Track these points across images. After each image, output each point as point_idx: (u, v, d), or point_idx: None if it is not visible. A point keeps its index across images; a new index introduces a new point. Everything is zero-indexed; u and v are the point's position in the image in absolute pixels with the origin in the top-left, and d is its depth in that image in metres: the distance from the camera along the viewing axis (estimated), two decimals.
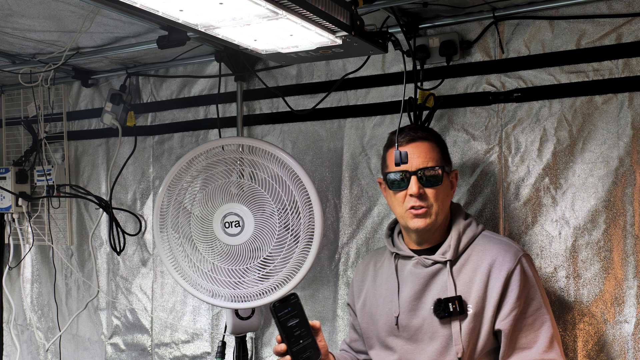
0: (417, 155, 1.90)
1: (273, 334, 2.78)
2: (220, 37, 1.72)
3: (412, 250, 1.98)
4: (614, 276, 2.11)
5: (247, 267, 2.35)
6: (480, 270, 1.86)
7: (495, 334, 1.85)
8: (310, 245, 2.29)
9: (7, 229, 3.39)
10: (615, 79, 2.12)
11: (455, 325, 1.84)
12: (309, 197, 2.28)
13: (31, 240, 3.33)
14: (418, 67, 2.35)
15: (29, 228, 3.30)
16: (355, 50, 1.90)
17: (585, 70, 2.17)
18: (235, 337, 2.66)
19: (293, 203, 2.30)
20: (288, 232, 2.32)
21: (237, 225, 2.34)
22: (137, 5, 1.47)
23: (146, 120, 3.08)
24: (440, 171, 1.90)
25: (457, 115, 2.37)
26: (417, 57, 2.35)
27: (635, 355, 2.08)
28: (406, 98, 2.29)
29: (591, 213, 2.15)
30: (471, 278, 1.86)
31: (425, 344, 1.90)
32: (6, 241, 3.41)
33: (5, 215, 3.35)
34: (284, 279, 2.33)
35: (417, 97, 2.32)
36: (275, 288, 2.35)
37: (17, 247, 3.40)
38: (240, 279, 2.36)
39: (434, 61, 2.37)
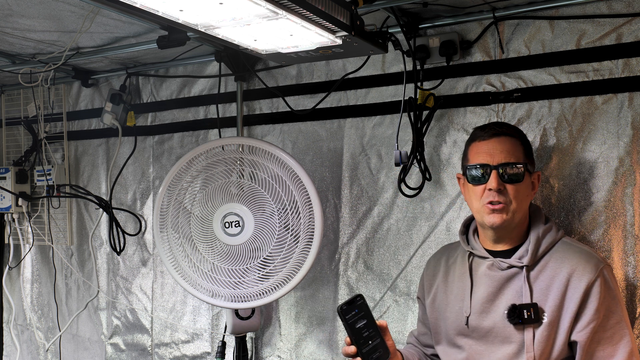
0: (500, 150, 1.85)
1: (272, 333, 2.78)
2: (220, 37, 1.72)
3: (488, 251, 1.92)
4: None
5: (247, 267, 2.35)
6: (558, 278, 1.80)
7: (570, 345, 1.80)
8: (310, 245, 2.29)
9: (7, 229, 3.39)
10: (615, 79, 2.12)
11: (528, 332, 1.79)
12: (309, 197, 2.28)
13: (31, 240, 3.33)
14: (418, 67, 2.35)
15: (29, 228, 3.30)
16: (355, 50, 1.90)
17: (585, 70, 2.17)
18: (235, 337, 2.66)
19: (293, 203, 2.30)
20: (288, 232, 2.32)
21: (237, 225, 2.34)
22: (137, 5, 1.47)
23: (146, 120, 3.08)
24: (522, 168, 1.85)
25: (457, 115, 2.37)
26: (417, 57, 2.34)
27: None
28: (406, 98, 2.29)
29: (591, 213, 2.15)
30: (548, 286, 1.81)
31: (496, 347, 1.85)
32: (6, 241, 3.41)
33: (5, 215, 3.35)
34: (284, 279, 2.33)
35: (417, 97, 2.32)
36: (275, 288, 2.35)
37: (17, 247, 3.40)
38: (240, 279, 2.37)
39: (434, 61, 2.37)
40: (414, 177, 2.42)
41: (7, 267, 3.42)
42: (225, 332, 2.73)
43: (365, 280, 2.56)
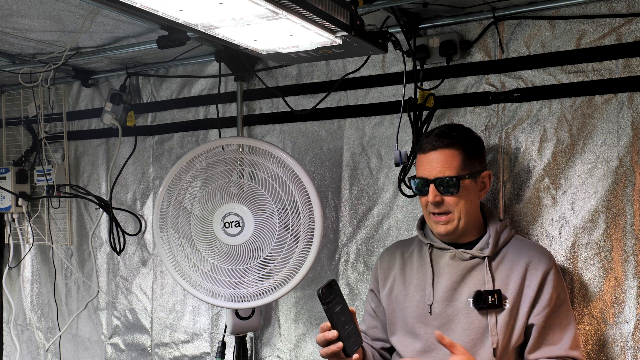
0: (435, 165, 1.95)
1: (272, 333, 2.78)
2: (220, 37, 1.72)
3: (447, 243, 2.02)
4: (614, 276, 2.11)
5: (247, 267, 2.35)
6: (517, 268, 1.94)
7: (526, 330, 1.92)
8: (310, 245, 2.29)
9: (7, 229, 3.39)
10: (615, 79, 2.12)
11: (492, 317, 1.90)
12: (309, 197, 2.28)
13: (31, 240, 3.33)
14: (418, 67, 2.35)
15: (29, 228, 3.30)
16: (355, 50, 1.90)
17: (585, 70, 2.17)
18: (235, 337, 2.66)
19: (293, 203, 2.30)
20: (288, 232, 2.32)
21: (237, 225, 2.34)
22: (137, 5, 1.47)
23: (146, 120, 3.08)
24: (456, 180, 1.93)
25: (457, 115, 2.37)
26: (417, 57, 2.34)
27: (635, 355, 2.08)
28: (406, 98, 2.30)
29: (591, 213, 2.15)
30: (508, 275, 1.94)
31: (457, 334, 1.92)
32: (6, 241, 3.41)
33: (5, 215, 3.35)
34: (284, 279, 2.33)
35: (417, 97, 2.32)
36: (275, 288, 2.35)
37: (17, 247, 3.40)
38: (240, 279, 2.37)
39: (434, 61, 2.37)
40: None
41: (7, 267, 3.42)
42: (225, 332, 2.73)
43: (365, 281, 2.56)
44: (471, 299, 1.92)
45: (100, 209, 3.03)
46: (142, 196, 3.09)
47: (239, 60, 2.69)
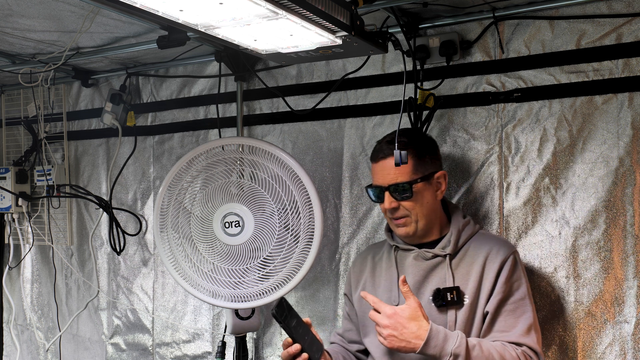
0: (388, 172, 1.99)
1: (273, 333, 2.78)
2: (220, 37, 1.72)
3: (411, 244, 2.08)
4: (614, 276, 2.11)
5: (247, 267, 2.35)
6: (476, 262, 1.97)
7: (484, 317, 1.95)
8: (310, 245, 2.29)
9: (7, 229, 3.39)
10: (615, 79, 2.12)
11: (451, 314, 1.94)
12: (309, 197, 2.28)
13: (31, 240, 3.33)
14: (418, 67, 2.35)
15: (29, 228, 3.30)
16: (355, 50, 1.90)
17: (585, 70, 2.17)
18: (236, 337, 2.66)
19: (293, 203, 2.30)
20: (288, 232, 2.32)
21: (237, 225, 2.34)
22: (137, 5, 1.47)
23: (146, 120, 3.08)
24: (408, 185, 1.98)
25: (457, 115, 2.37)
26: (417, 57, 2.35)
27: (635, 355, 2.08)
28: (406, 98, 2.29)
29: (591, 213, 2.15)
30: (468, 271, 1.97)
31: None
32: (6, 241, 3.41)
33: (5, 215, 3.35)
34: (284, 279, 2.33)
35: (417, 97, 2.32)
36: (275, 288, 2.35)
37: (17, 247, 3.40)
38: (240, 279, 2.37)
39: (434, 61, 2.37)
40: None
41: (7, 267, 3.42)
42: (225, 332, 2.73)
43: None
44: (431, 298, 1.97)
45: (101, 209, 3.03)
46: (143, 196, 3.09)
47: (239, 60, 2.69)
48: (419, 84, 2.33)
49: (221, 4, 1.48)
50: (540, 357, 1.92)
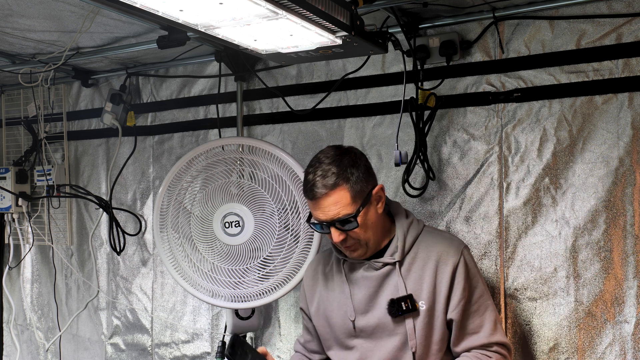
0: (328, 209, 1.89)
1: (273, 334, 2.78)
2: (220, 37, 1.72)
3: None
4: (614, 276, 2.11)
5: (247, 267, 2.36)
6: (428, 267, 1.95)
7: (448, 324, 1.95)
8: (310, 245, 2.29)
9: (7, 229, 3.39)
10: (615, 79, 2.12)
11: (409, 322, 1.93)
12: None
13: (31, 240, 3.33)
14: (418, 67, 2.35)
15: (29, 228, 3.30)
16: (355, 50, 1.90)
17: (585, 70, 2.17)
18: None
19: (293, 203, 2.30)
20: (288, 232, 2.32)
21: (237, 225, 2.34)
22: (137, 5, 1.47)
23: (146, 120, 3.08)
24: (352, 218, 1.89)
25: (457, 115, 2.37)
26: (417, 57, 2.34)
27: (635, 355, 2.08)
28: (407, 98, 2.29)
29: (591, 213, 2.15)
30: (420, 276, 1.95)
31: (384, 340, 1.97)
32: (6, 241, 3.40)
33: (5, 215, 3.35)
34: (284, 279, 2.33)
35: (418, 97, 2.31)
36: (275, 288, 2.35)
37: (17, 247, 3.40)
38: (240, 279, 2.37)
39: (434, 61, 2.37)
40: (413, 176, 2.41)
41: (7, 267, 3.42)
42: (225, 332, 2.73)
43: None
44: (386, 308, 1.94)
45: (100, 209, 3.03)
46: (142, 196, 3.09)
47: (239, 60, 2.69)
48: (419, 84, 2.33)
49: (221, 4, 1.48)
50: (510, 348, 1.98)
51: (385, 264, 1.97)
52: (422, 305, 1.93)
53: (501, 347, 1.95)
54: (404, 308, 1.91)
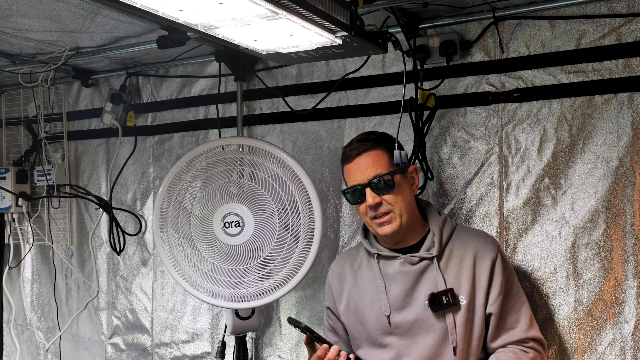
0: (365, 167, 1.96)
1: (274, 333, 2.78)
2: (220, 37, 1.72)
3: (392, 250, 2.03)
4: (614, 276, 2.11)
5: (247, 267, 2.36)
6: (465, 262, 1.96)
7: (486, 319, 1.95)
8: (311, 245, 2.29)
9: (7, 229, 3.39)
10: (615, 79, 2.12)
11: (449, 316, 1.92)
12: (309, 197, 2.28)
13: (31, 240, 3.33)
14: (418, 67, 2.35)
15: (29, 228, 3.30)
16: (355, 50, 1.90)
17: (585, 70, 2.17)
18: (235, 337, 2.66)
19: (293, 203, 2.30)
20: (288, 232, 2.32)
21: (237, 225, 2.34)
22: (137, 5, 1.47)
23: (146, 120, 3.08)
24: (390, 177, 1.94)
25: (457, 115, 2.37)
26: (417, 57, 2.34)
27: (635, 355, 2.08)
28: (406, 98, 2.29)
29: (591, 213, 2.15)
30: (459, 271, 1.96)
31: (421, 337, 1.94)
32: (6, 241, 3.40)
33: (5, 215, 3.35)
34: (284, 279, 2.33)
35: (418, 97, 2.32)
36: (275, 288, 2.35)
37: (17, 247, 3.40)
38: (240, 279, 2.37)
39: (434, 61, 2.37)
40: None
41: (7, 267, 3.42)
42: (225, 332, 2.73)
43: None
44: (427, 302, 1.93)
45: (100, 209, 3.03)
46: (142, 196, 3.09)
47: (239, 60, 2.69)
48: (419, 84, 2.33)
49: (221, 4, 1.48)
50: (545, 344, 1.98)
51: (422, 259, 1.97)
52: (462, 300, 1.92)
53: (537, 343, 1.95)
54: (445, 302, 1.90)
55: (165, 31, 2.07)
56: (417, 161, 2.32)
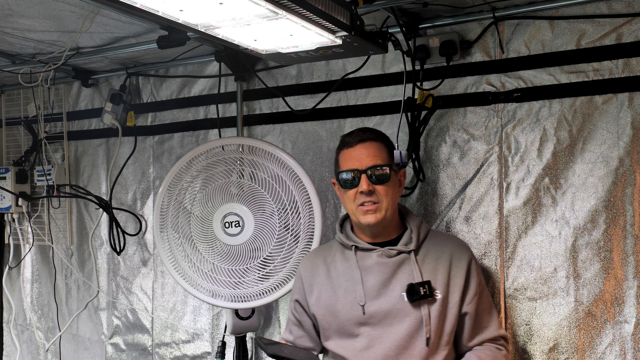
0: (366, 155, 2.02)
1: (273, 334, 2.78)
2: (220, 37, 1.72)
3: (370, 244, 2.08)
4: (614, 276, 2.11)
5: (247, 267, 2.36)
6: (442, 259, 2.03)
7: (459, 318, 2.01)
8: (311, 245, 2.30)
9: (7, 229, 3.39)
10: (615, 79, 2.12)
11: (424, 308, 1.97)
12: (309, 197, 2.29)
13: (31, 240, 3.33)
14: (418, 67, 2.35)
15: (29, 228, 3.30)
16: (355, 50, 1.90)
17: (585, 70, 2.17)
18: (235, 337, 2.66)
19: (293, 203, 2.30)
20: (288, 232, 2.32)
21: (237, 225, 2.35)
22: (137, 5, 1.47)
23: (146, 120, 3.08)
24: (388, 170, 2.02)
25: (457, 116, 2.37)
26: (417, 57, 2.34)
27: (635, 355, 2.08)
28: (405, 98, 2.30)
29: (591, 213, 2.15)
30: (435, 267, 2.02)
31: (394, 327, 1.98)
32: (6, 241, 3.41)
33: (5, 215, 3.35)
34: (284, 279, 2.34)
35: (417, 97, 2.31)
36: (275, 288, 2.35)
37: (17, 247, 3.40)
38: (240, 279, 2.37)
39: (434, 61, 2.37)
40: (411, 176, 2.42)
41: (7, 267, 3.42)
42: (225, 332, 2.73)
43: None
44: (404, 293, 1.97)
45: (100, 209, 3.03)
46: (142, 196, 3.09)
47: (239, 60, 2.69)
48: (418, 84, 2.33)
49: (221, 4, 1.48)
50: (509, 340, 2.15)
51: (400, 252, 2.03)
52: (438, 295, 1.98)
53: (505, 341, 2.08)
54: (422, 293, 1.95)
55: (165, 31, 2.07)
56: (410, 161, 2.32)
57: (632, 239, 2.09)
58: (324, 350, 2.14)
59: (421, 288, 1.96)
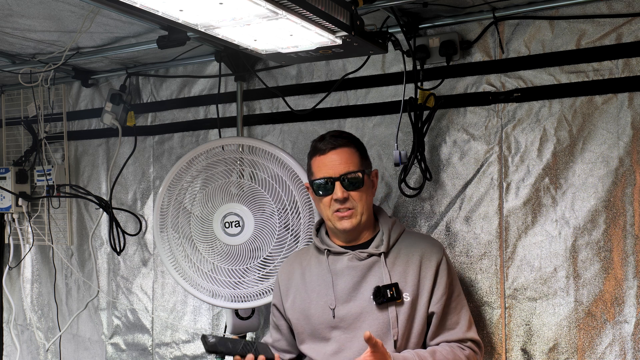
0: (339, 162, 2.02)
1: None
2: (220, 37, 1.73)
3: (342, 247, 2.09)
4: (614, 276, 2.12)
5: (247, 267, 2.36)
6: (412, 261, 2.03)
7: (427, 318, 2.01)
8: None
9: (7, 229, 3.39)
10: (615, 79, 2.12)
11: (392, 310, 1.97)
12: (309, 197, 2.29)
13: (31, 240, 3.33)
14: (418, 67, 2.35)
15: (29, 228, 3.30)
16: (355, 50, 1.90)
17: (585, 70, 2.17)
18: None
19: (293, 203, 2.30)
20: (288, 232, 2.32)
21: (237, 225, 2.35)
22: (137, 5, 1.47)
23: (146, 120, 3.08)
24: (361, 175, 2.03)
25: (457, 116, 2.37)
26: (417, 57, 2.34)
27: (635, 355, 2.08)
28: (406, 98, 2.30)
29: (591, 213, 2.15)
30: (405, 270, 2.02)
31: (363, 330, 1.96)
32: (6, 241, 3.41)
33: (5, 215, 3.35)
34: None
35: (417, 97, 2.32)
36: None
37: (17, 247, 3.40)
38: (240, 279, 2.37)
39: (434, 61, 2.37)
40: (414, 176, 2.42)
41: (7, 267, 3.42)
42: (225, 332, 2.73)
43: None
44: (372, 296, 1.98)
45: (101, 209, 3.03)
46: (143, 196, 3.09)
47: (239, 60, 2.69)
48: (419, 84, 2.33)
49: (221, 4, 1.48)
50: (481, 345, 2.07)
51: (371, 255, 2.03)
52: (406, 297, 1.98)
53: (474, 344, 2.03)
54: (389, 296, 1.96)
55: (165, 31, 2.07)
56: (415, 161, 2.33)
57: (632, 239, 2.09)
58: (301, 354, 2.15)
59: (388, 290, 1.96)
